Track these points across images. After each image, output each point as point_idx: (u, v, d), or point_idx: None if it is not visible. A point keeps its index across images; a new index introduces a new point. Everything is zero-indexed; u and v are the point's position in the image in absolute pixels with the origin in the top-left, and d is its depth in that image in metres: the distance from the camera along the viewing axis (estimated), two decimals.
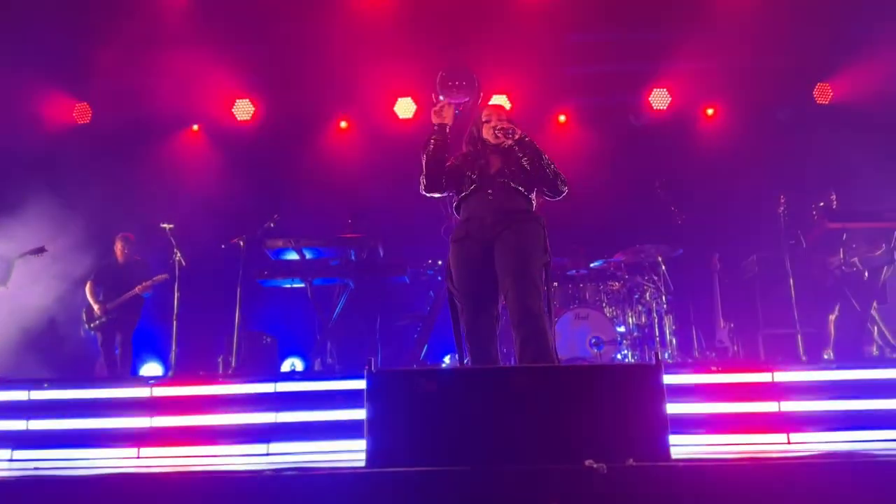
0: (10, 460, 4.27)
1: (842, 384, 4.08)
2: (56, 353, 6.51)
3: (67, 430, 4.36)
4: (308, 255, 6.12)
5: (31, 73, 6.72)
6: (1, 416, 4.37)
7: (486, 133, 3.72)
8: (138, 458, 4.24)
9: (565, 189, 3.68)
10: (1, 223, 6.04)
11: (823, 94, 7.37)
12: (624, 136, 7.47)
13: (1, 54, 6.23)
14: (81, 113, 7.51)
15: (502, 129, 3.64)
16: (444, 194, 3.83)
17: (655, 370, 2.56)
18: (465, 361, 3.51)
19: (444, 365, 6.59)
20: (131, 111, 7.02)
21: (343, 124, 7.96)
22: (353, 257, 6.14)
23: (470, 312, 3.53)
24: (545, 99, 7.50)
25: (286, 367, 6.94)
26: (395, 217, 6.80)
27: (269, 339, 6.40)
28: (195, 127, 7.71)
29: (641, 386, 2.54)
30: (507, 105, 7.15)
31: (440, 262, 6.42)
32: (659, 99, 7.44)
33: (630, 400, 2.52)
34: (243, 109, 7.70)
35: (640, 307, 6.17)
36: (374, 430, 2.30)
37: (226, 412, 4.34)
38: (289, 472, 2.09)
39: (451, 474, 2.08)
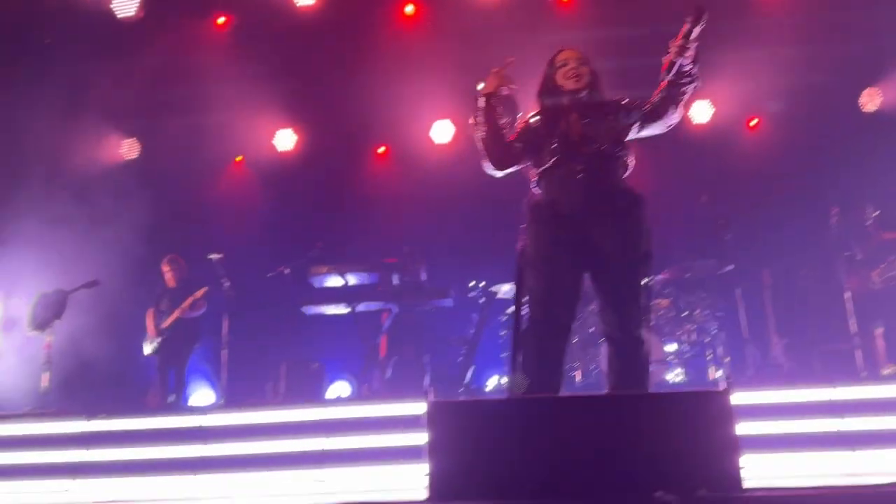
0: (68, 490, 4.36)
1: None
2: (112, 383, 6.65)
3: (123, 460, 4.44)
4: (351, 281, 6.16)
5: (81, 112, 6.96)
6: (60, 446, 4.47)
7: (562, 79, 3.20)
8: (194, 486, 4.28)
9: (678, 114, 3.16)
10: (51, 259, 6.22)
11: (872, 99, 7.18)
12: (667, 150, 7.36)
13: (57, 94, 6.45)
14: (131, 148, 7.75)
15: (579, 69, 3.16)
16: (520, 167, 3.30)
17: (723, 394, 2.46)
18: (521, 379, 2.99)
19: (489, 388, 6.52)
20: (178, 145, 7.20)
21: (381, 150, 8.05)
22: (396, 282, 6.16)
23: (544, 301, 3.05)
24: None
25: (332, 392, 6.95)
26: (436, 240, 6.82)
27: (315, 366, 6.43)
28: (239, 158, 7.88)
29: (710, 411, 2.43)
30: None
31: (482, 284, 6.39)
32: (700, 112, 7.32)
33: (698, 426, 2.40)
34: (285, 139, 7.84)
35: (689, 325, 6.02)
36: (435, 461, 2.25)
37: (276, 439, 4.38)
38: None
39: None
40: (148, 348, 6.39)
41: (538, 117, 3.26)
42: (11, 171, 6.44)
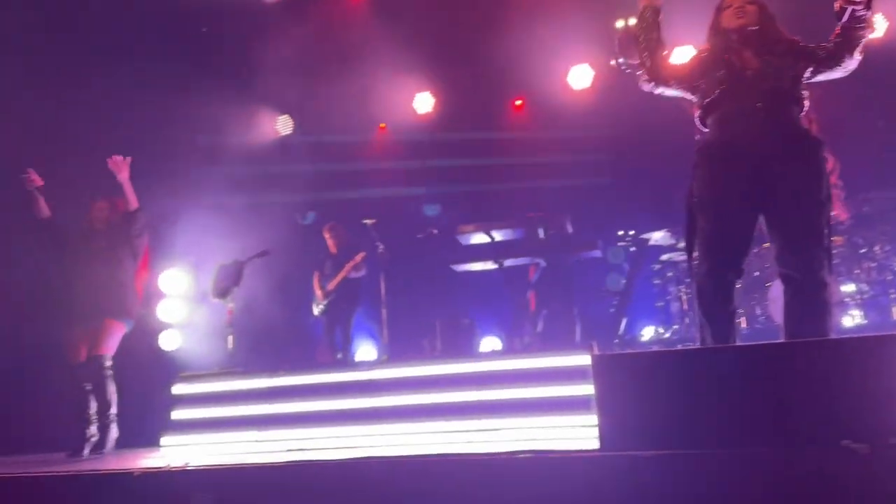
0: (259, 442, 4.85)
1: None
2: (286, 343, 7.27)
3: (302, 412, 4.85)
4: (497, 238, 6.22)
5: (241, 93, 7.48)
6: (249, 400, 4.98)
7: (728, 20, 3.13)
8: (365, 436, 4.61)
9: (855, 61, 3.03)
10: (226, 232, 6.81)
11: None
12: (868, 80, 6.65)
13: (221, 79, 6.95)
14: (285, 124, 8.25)
15: (740, 9, 3.07)
16: (677, 90, 3.25)
17: None
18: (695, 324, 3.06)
19: (644, 339, 6.40)
20: (327, 117, 7.55)
21: (518, 102, 7.98)
22: (541, 235, 6.14)
23: (715, 246, 2.97)
24: None
25: (485, 347, 7.14)
26: (581, 190, 6.70)
27: (467, 322, 6.62)
28: (382, 125, 8.15)
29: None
30: None
31: (632, 233, 6.23)
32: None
33: (882, 372, 2.23)
34: (424, 102, 7.99)
35: (868, 263, 5.52)
36: (604, 413, 2.27)
37: (437, 391, 4.58)
38: (524, 454, 2.14)
39: (691, 458, 2.00)
40: (316, 310, 6.90)
41: (708, 55, 3.19)
42: (185, 154, 7.06)
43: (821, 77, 3.13)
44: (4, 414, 6.02)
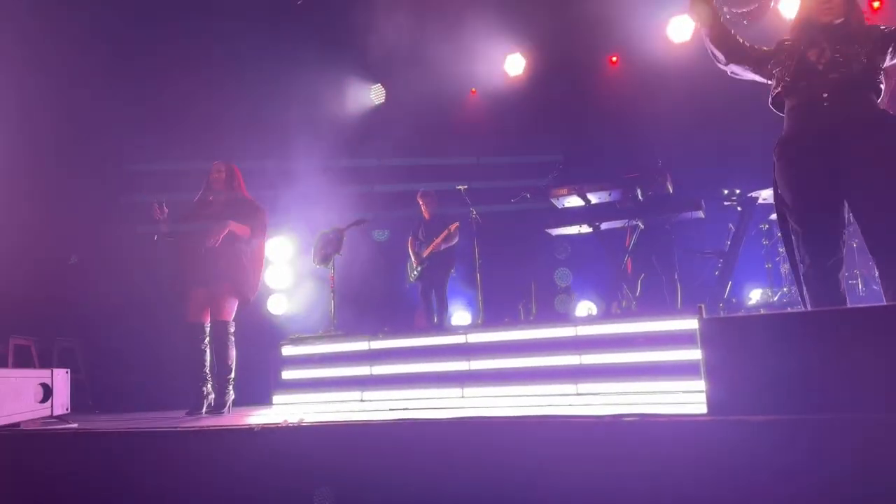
0: (362, 401, 5.05)
1: None
2: (385, 307, 7.47)
3: (400, 373, 5.00)
4: (593, 200, 6.09)
5: (335, 62, 7.63)
6: (352, 362, 5.18)
7: (815, 12, 3.15)
8: (462, 398, 4.70)
9: None
10: (326, 201, 7.02)
11: None
12: None
13: (312, 50, 7.11)
14: (377, 94, 8.38)
15: (827, 2, 3.09)
16: (751, 73, 3.36)
17: None
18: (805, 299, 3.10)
19: (752, 302, 6.13)
20: (419, 85, 7.58)
21: (614, 59, 7.71)
22: (639, 197, 5.96)
23: (810, 244, 3.05)
24: None
25: (581, 311, 7.06)
26: (681, 149, 6.42)
27: (563, 285, 6.56)
28: (473, 90, 8.10)
29: None
30: None
31: (738, 191, 5.93)
32: None
33: None
34: (515, 64, 7.88)
35: None
36: (712, 378, 2.21)
37: (533, 355, 4.59)
38: (630, 417, 2.12)
39: (802, 423, 1.92)
40: (411, 275, 7.05)
41: (789, 45, 3.25)
42: (284, 125, 7.30)
43: None
44: (127, 374, 6.57)
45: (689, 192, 6.01)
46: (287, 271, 7.39)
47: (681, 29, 7.12)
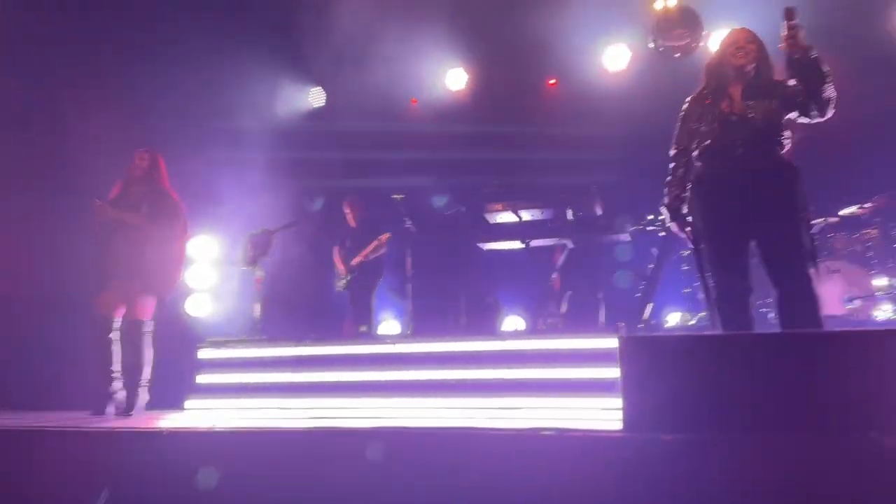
0: (283, 409, 4.93)
1: None
2: (312, 314, 7.34)
3: (325, 382, 4.90)
4: (525, 217, 6.18)
5: (268, 66, 7.48)
6: (274, 369, 5.05)
7: (729, 55, 3.48)
8: (387, 408, 4.64)
9: (831, 109, 3.33)
10: (254, 202, 6.86)
11: None
12: (872, 62, 6.44)
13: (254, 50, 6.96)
14: (317, 97, 8.26)
15: (748, 48, 3.43)
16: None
17: None
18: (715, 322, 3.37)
19: (669, 324, 6.34)
20: (360, 90, 7.52)
21: (552, 82, 7.87)
22: (570, 217, 6.09)
23: (719, 270, 3.35)
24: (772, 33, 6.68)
25: (508, 325, 7.13)
26: (613, 174, 6.61)
27: (492, 300, 6.61)
28: (413, 100, 8.11)
29: None
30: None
31: (662, 218, 6.13)
32: None
33: None
34: (457, 78, 7.92)
35: None
36: (629, 395, 2.28)
37: (460, 367, 4.60)
38: (547, 431, 2.15)
39: (713, 443, 1.99)
40: (338, 284, 6.95)
41: (704, 93, 3.56)
42: (212, 123, 7.10)
43: (803, 120, 3.42)
44: (29, 370, 6.19)
45: (618, 215, 6.18)
46: (211, 271, 7.17)
47: (616, 58, 7.32)
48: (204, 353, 5.20)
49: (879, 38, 6.49)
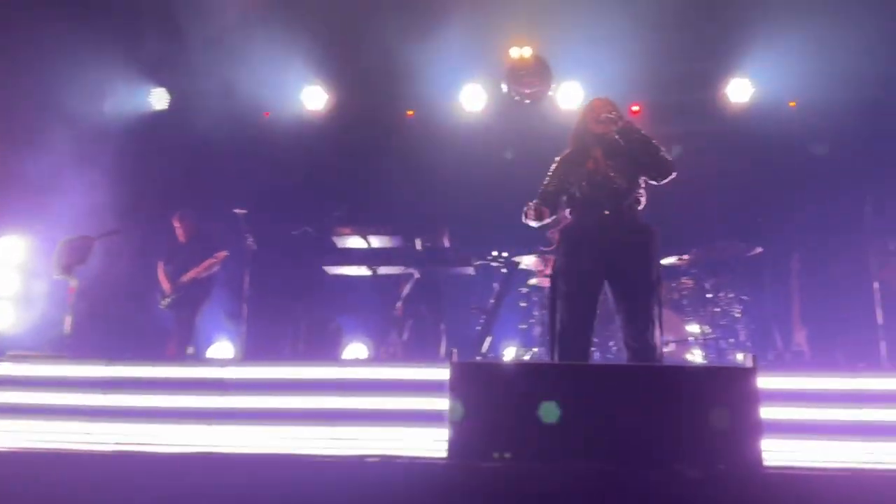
0: (88, 433, 4.43)
1: None
2: (133, 331, 6.74)
3: (140, 407, 4.48)
4: (374, 244, 6.13)
5: (111, 58, 6.92)
6: (80, 389, 4.54)
7: (591, 123, 3.91)
8: (207, 436, 4.32)
9: (673, 173, 3.83)
10: (78, 204, 6.25)
11: None
12: (698, 129, 7.18)
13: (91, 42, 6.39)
14: (160, 99, 7.70)
15: (607, 117, 3.82)
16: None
17: (750, 372, 2.44)
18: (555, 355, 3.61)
19: (506, 358, 6.52)
20: (204, 95, 7.14)
21: (409, 113, 7.95)
22: (418, 247, 6.13)
23: (572, 308, 3.70)
24: (619, 88, 7.21)
25: (349, 353, 6.99)
26: (463, 208, 6.76)
27: (334, 325, 6.45)
28: (266, 114, 7.81)
29: (734, 389, 2.42)
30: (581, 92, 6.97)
31: (505, 254, 6.36)
32: (740, 90, 7.08)
33: (722, 403, 2.40)
34: (314, 97, 7.73)
35: (713, 307, 5.96)
36: (455, 423, 2.25)
37: (292, 394, 4.40)
38: (372, 458, 2.07)
39: (535, 471, 2.01)
40: (162, 303, 6.49)
41: (572, 154, 3.99)
42: (37, 113, 6.43)
43: (653, 183, 3.90)
44: None
45: (464, 248, 6.31)
46: (14, 277, 6.41)
47: (473, 97, 7.53)
48: (1, 369, 4.60)
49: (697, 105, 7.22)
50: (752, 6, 6.48)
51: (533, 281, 6.52)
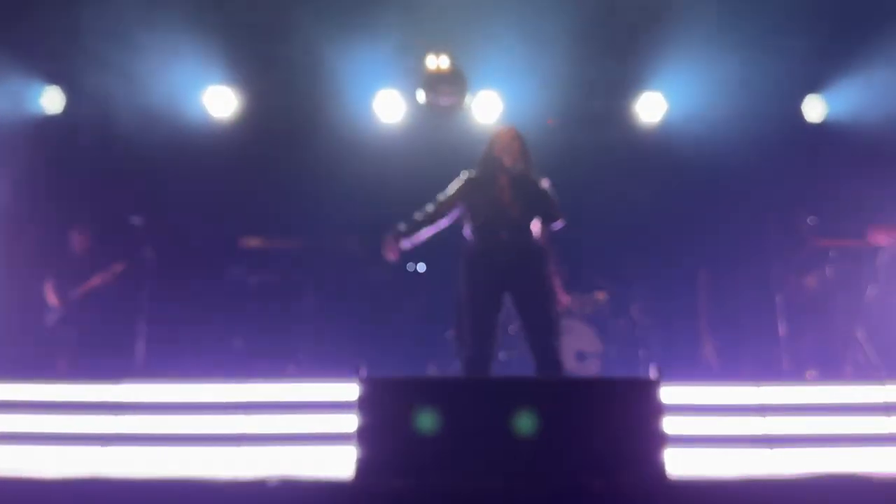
0: None
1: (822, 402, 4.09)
2: (26, 345, 6.23)
3: (30, 430, 4.12)
4: (282, 252, 5.96)
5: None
6: None
7: (498, 152, 4.14)
8: (100, 458, 4.04)
9: (562, 223, 4.11)
10: None
11: (814, 109, 7.02)
12: (606, 146, 7.27)
13: None
14: (53, 100, 7.14)
15: (511, 155, 4.07)
16: (457, 213, 4.22)
17: (653, 384, 2.44)
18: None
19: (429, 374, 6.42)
20: (102, 99, 6.73)
21: (322, 121, 7.69)
22: (326, 256, 6.00)
23: (476, 328, 3.92)
24: (533, 100, 7.23)
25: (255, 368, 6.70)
26: (374, 215, 6.59)
27: (240, 341, 6.18)
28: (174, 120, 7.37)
29: (638, 400, 2.42)
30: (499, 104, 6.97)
31: (420, 264, 6.30)
32: (651, 104, 7.12)
33: (626, 414, 2.39)
34: (218, 100, 7.30)
35: (622, 320, 6.07)
36: (364, 440, 2.15)
37: (196, 414, 4.15)
38: (273, 481, 1.93)
39: (442, 490, 1.91)
40: (51, 318, 6.04)
41: (476, 180, 4.20)
42: None
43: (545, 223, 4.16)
44: None
45: (376, 257, 6.14)
46: None
47: (388, 106, 7.30)
48: None
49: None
50: (669, 20, 6.54)
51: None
